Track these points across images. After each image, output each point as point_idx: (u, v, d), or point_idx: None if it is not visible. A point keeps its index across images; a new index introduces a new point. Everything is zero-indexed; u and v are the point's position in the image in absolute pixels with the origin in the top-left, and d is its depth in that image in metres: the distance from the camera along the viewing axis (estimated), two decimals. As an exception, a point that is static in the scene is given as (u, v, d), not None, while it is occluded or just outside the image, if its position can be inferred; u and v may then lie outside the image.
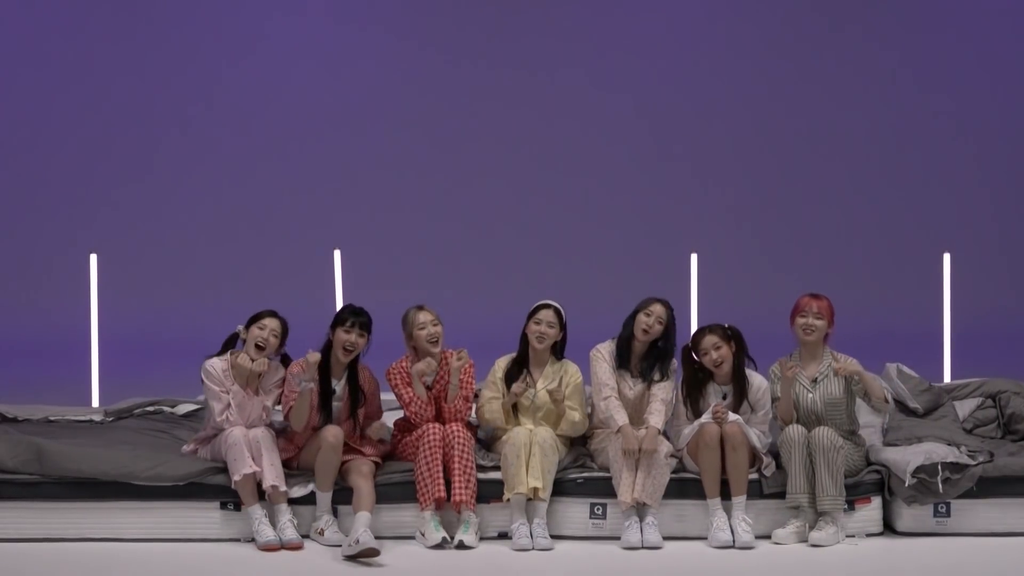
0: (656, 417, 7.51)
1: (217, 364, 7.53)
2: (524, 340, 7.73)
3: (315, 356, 7.39)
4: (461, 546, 7.24)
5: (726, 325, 7.65)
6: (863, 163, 14.23)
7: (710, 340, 7.58)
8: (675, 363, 7.74)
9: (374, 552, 6.99)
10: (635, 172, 14.08)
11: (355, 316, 7.57)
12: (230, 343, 7.63)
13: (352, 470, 7.38)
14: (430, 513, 7.32)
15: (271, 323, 7.53)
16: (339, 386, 7.61)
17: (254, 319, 7.57)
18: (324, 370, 7.55)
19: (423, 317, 7.67)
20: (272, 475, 7.28)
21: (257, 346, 7.50)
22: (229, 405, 7.45)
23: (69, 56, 13.90)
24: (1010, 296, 13.89)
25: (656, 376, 7.65)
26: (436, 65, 14.06)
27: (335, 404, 7.60)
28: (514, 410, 7.67)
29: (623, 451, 7.36)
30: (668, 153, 14.12)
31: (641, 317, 7.65)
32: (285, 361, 7.64)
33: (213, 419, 7.50)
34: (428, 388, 7.67)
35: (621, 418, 7.49)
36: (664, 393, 7.61)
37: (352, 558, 7.02)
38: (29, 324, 13.23)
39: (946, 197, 14.11)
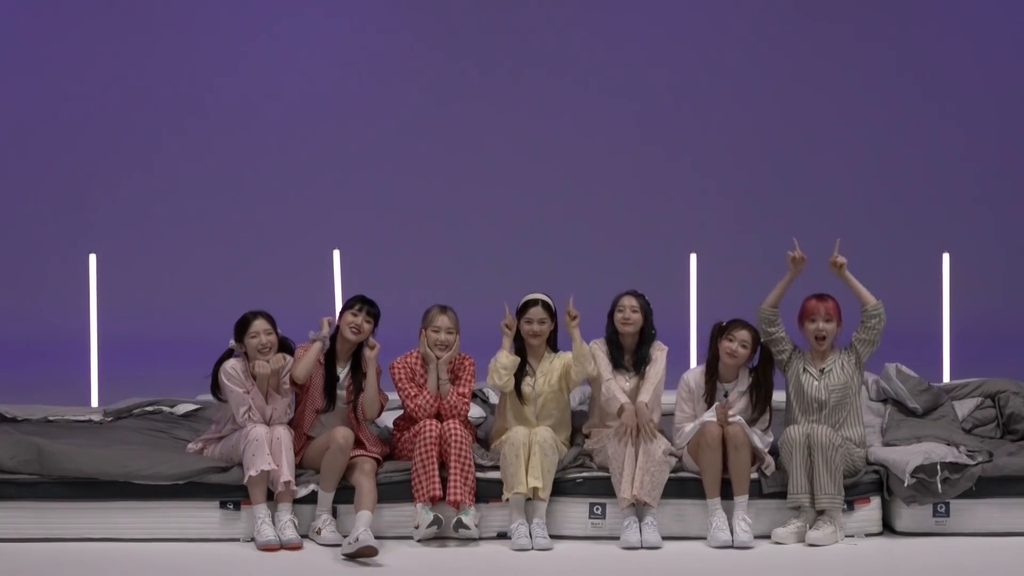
0: (645, 394, 7.60)
1: (237, 365, 7.55)
2: (519, 335, 7.75)
3: (329, 318, 7.60)
4: (459, 525, 7.24)
5: (761, 339, 7.68)
6: (862, 163, 14.24)
7: (742, 335, 7.59)
8: (662, 346, 7.80)
9: (372, 551, 6.99)
10: (634, 172, 14.08)
11: (364, 303, 7.67)
12: (227, 357, 7.63)
13: (355, 468, 7.39)
14: (421, 505, 7.31)
15: (259, 325, 7.53)
16: (343, 373, 7.65)
17: (241, 330, 7.56)
18: (330, 357, 7.63)
19: (440, 321, 7.70)
20: (288, 472, 7.31)
21: (260, 352, 7.52)
22: (251, 407, 7.48)
23: (69, 56, 13.91)
24: (1009, 296, 13.89)
25: (645, 364, 7.75)
26: (436, 65, 14.07)
27: (339, 392, 7.62)
28: (517, 396, 7.68)
29: (624, 425, 7.37)
30: (667, 153, 14.12)
31: (616, 315, 7.76)
32: (285, 346, 7.66)
33: (235, 419, 7.52)
34: (436, 388, 7.70)
35: (622, 397, 7.56)
36: (655, 377, 7.69)
37: (351, 556, 7.03)
38: (29, 324, 13.24)
39: (945, 197, 14.11)
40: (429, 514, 7.26)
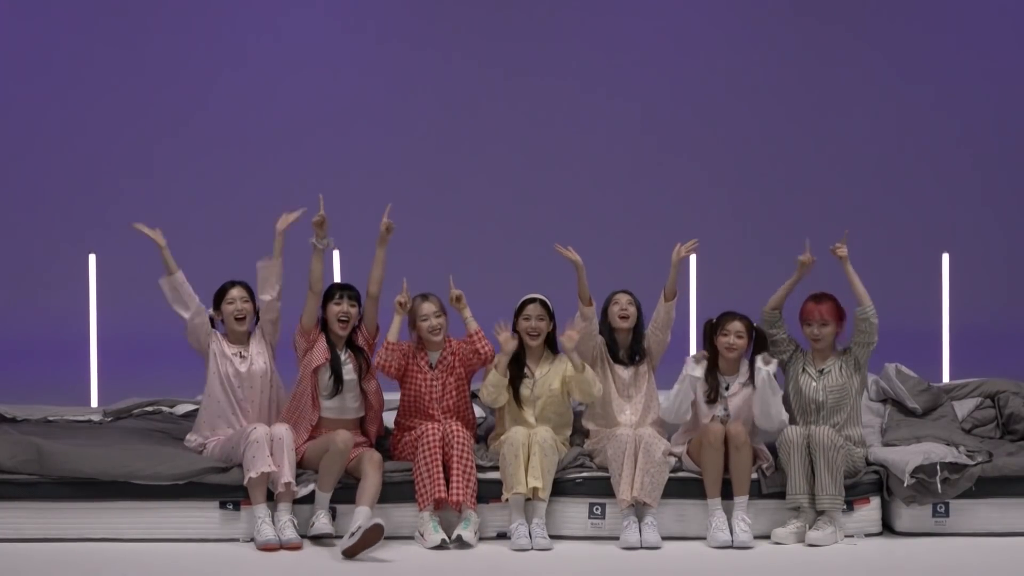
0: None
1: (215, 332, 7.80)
2: (517, 336, 7.75)
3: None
4: (459, 541, 7.25)
5: (755, 324, 7.71)
6: (862, 163, 14.23)
7: (736, 326, 7.62)
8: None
9: (378, 531, 6.95)
10: (634, 172, 14.07)
11: (342, 289, 7.76)
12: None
13: (364, 459, 7.37)
14: (428, 513, 7.32)
15: (236, 292, 7.75)
16: (344, 354, 7.71)
17: (219, 298, 7.77)
18: (328, 344, 7.70)
19: (426, 308, 7.72)
20: (289, 473, 7.33)
21: (236, 319, 7.70)
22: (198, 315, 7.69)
23: (69, 57, 13.91)
24: (1009, 296, 13.88)
25: (638, 357, 7.82)
26: (436, 66, 14.06)
27: (347, 379, 7.65)
28: (515, 400, 7.67)
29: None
30: (667, 153, 14.11)
31: (613, 308, 7.82)
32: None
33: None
34: (431, 367, 7.71)
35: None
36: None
37: (353, 551, 6.98)
38: (29, 324, 13.23)
39: (945, 197, 14.10)
40: (437, 533, 7.24)
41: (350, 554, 7.02)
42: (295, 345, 7.75)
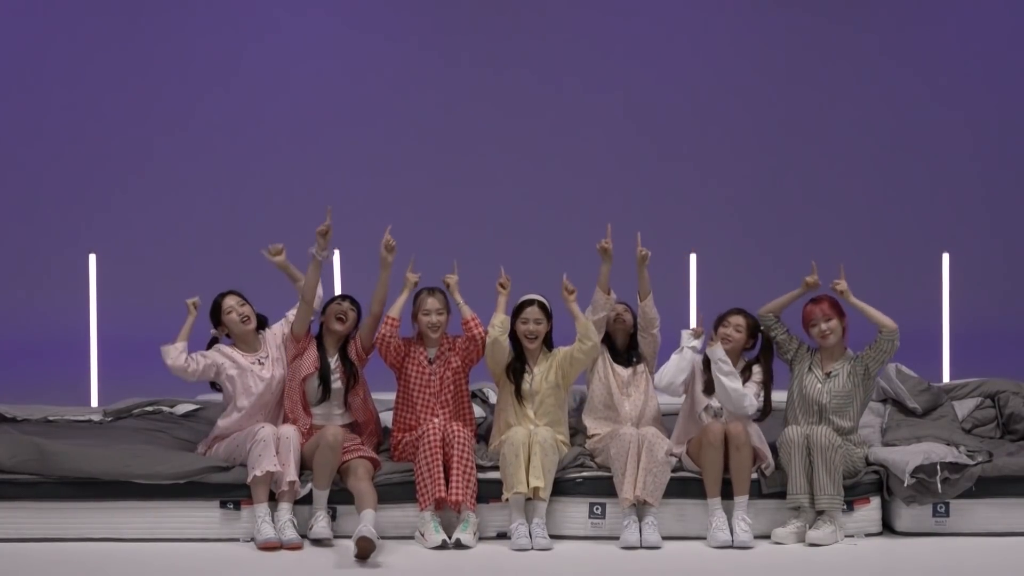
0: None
1: (224, 346, 7.77)
2: (516, 336, 7.77)
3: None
4: (458, 545, 7.25)
5: (760, 327, 7.73)
6: (862, 163, 14.24)
7: (736, 319, 7.68)
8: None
9: (368, 545, 6.96)
10: (634, 172, 14.09)
11: (342, 296, 7.88)
12: (214, 344, 7.84)
13: (349, 473, 7.39)
14: (430, 513, 7.32)
15: (231, 301, 7.78)
16: (333, 361, 7.75)
17: (216, 312, 7.78)
18: (320, 348, 7.75)
19: (430, 304, 7.75)
20: (294, 472, 7.35)
21: (242, 322, 7.73)
22: (193, 357, 7.66)
23: (69, 57, 13.92)
24: (1009, 296, 13.89)
25: (635, 359, 7.92)
26: (436, 67, 14.08)
27: (335, 387, 7.68)
28: (517, 394, 7.69)
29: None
30: (667, 153, 14.12)
31: (610, 315, 7.92)
32: (261, 322, 7.88)
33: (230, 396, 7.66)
34: (429, 361, 7.75)
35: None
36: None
37: (362, 555, 6.99)
38: (29, 324, 13.24)
39: (945, 197, 14.12)
40: (438, 534, 7.25)
41: (361, 557, 7.02)
42: (284, 348, 7.78)
